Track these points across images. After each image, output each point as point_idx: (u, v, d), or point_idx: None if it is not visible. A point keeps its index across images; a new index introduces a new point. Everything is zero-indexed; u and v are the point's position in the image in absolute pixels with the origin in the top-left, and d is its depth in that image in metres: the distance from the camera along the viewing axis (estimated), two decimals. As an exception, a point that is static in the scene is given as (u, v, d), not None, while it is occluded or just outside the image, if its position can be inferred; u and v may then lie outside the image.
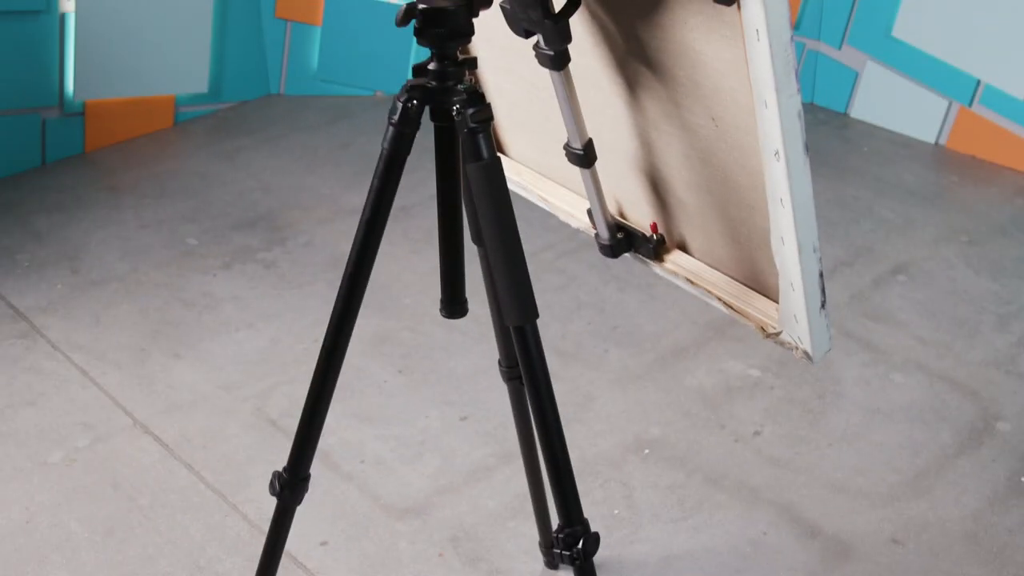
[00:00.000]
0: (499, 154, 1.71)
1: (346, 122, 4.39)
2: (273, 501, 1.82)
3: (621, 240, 1.71)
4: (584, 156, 1.60)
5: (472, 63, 1.54)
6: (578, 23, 1.54)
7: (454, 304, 1.72)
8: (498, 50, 1.78)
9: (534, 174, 1.92)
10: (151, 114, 4.33)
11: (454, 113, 1.47)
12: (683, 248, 1.66)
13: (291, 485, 1.77)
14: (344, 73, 4.61)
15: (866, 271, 3.39)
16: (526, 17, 1.46)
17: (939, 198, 3.85)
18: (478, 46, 1.78)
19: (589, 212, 1.72)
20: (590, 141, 1.60)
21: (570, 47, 1.49)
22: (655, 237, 1.67)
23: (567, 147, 1.61)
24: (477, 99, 1.48)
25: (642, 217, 1.70)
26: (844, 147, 4.20)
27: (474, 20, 1.47)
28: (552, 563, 2.35)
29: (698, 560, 2.40)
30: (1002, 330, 3.13)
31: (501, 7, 1.50)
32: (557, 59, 1.48)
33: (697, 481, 2.63)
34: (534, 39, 1.50)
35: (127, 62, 4.19)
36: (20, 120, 4.00)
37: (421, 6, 1.42)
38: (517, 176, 1.92)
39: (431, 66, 1.49)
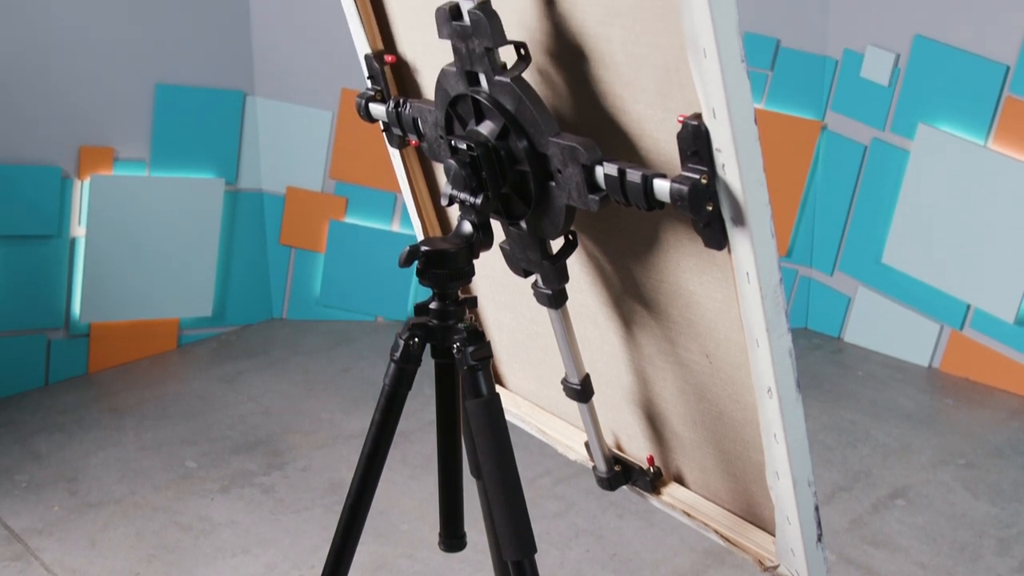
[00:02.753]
0: (498, 386, 1.75)
1: (347, 347, 4.45)
2: None
3: (618, 473, 1.73)
4: (581, 391, 1.63)
5: (472, 302, 1.59)
6: (575, 263, 1.60)
7: (453, 538, 1.73)
8: (498, 287, 1.84)
9: (532, 406, 1.95)
10: (155, 337, 4.39)
11: (454, 351, 1.52)
12: (680, 481, 1.68)
13: None
14: (346, 299, 4.70)
15: (865, 496, 3.38)
16: (525, 257, 1.52)
17: (935, 421, 3.87)
18: (478, 283, 1.84)
19: (587, 445, 1.74)
20: (587, 376, 1.64)
21: (568, 286, 1.55)
22: (652, 470, 1.69)
23: (565, 382, 1.65)
24: (477, 338, 1.52)
25: (639, 450, 1.72)
26: (839, 371, 4.24)
27: (474, 260, 1.53)
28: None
29: None
30: (1004, 554, 3.10)
31: (501, 248, 1.56)
32: (555, 298, 1.54)
33: None
34: (533, 278, 1.55)
35: (133, 286, 4.28)
36: (25, 341, 4.06)
37: (424, 248, 1.48)
38: (516, 408, 1.95)
39: (432, 305, 1.54)
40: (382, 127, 1.79)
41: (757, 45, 4.27)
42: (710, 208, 1.23)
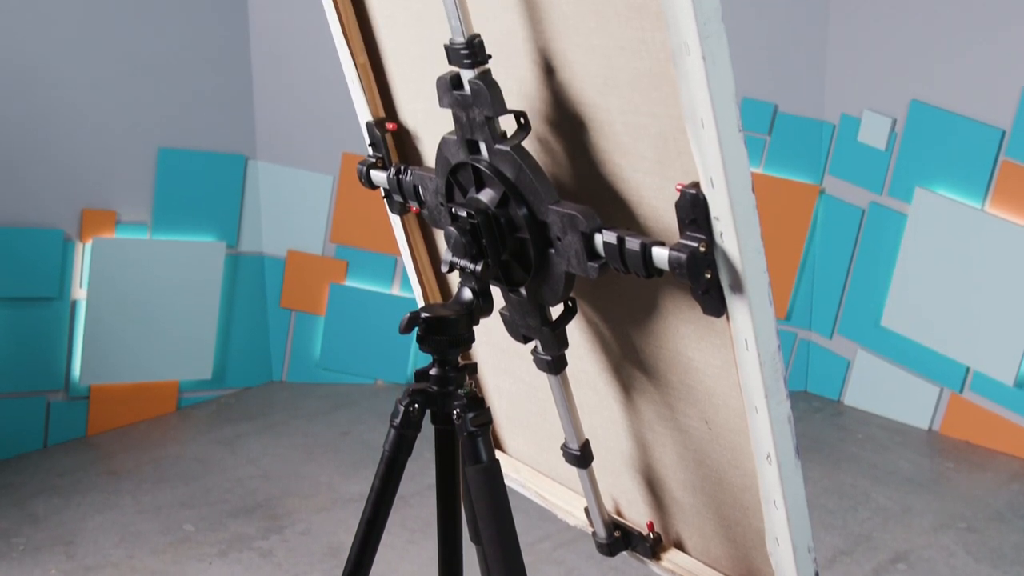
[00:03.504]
0: (497, 451, 1.75)
1: (346, 410, 4.45)
2: None
3: (618, 539, 1.73)
4: (581, 457, 1.63)
5: (472, 368, 1.59)
6: (575, 329, 1.61)
7: (452, 604, 1.72)
8: (498, 352, 1.84)
9: (532, 471, 1.95)
10: (154, 399, 4.39)
11: (454, 417, 1.52)
12: (680, 547, 1.67)
13: None
14: (346, 362, 4.71)
15: (866, 560, 3.36)
16: (525, 324, 1.53)
17: (935, 484, 3.85)
18: (478, 348, 1.84)
19: (586, 510, 1.74)
20: (587, 442, 1.64)
21: (567, 352, 1.55)
22: (652, 536, 1.68)
23: (564, 447, 1.65)
24: (477, 404, 1.53)
25: (639, 515, 1.72)
26: (839, 435, 4.24)
27: (474, 326, 1.54)
28: None
29: None
30: (1007, 622, 3.09)
31: (500, 314, 1.57)
32: (555, 364, 1.54)
33: None
34: (533, 344, 1.56)
35: (134, 348, 4.28)
36: (25, 403, 4.06)
37: (424, 315, 1.48)
38: (515, 473, 1.95)
39: (432, 371, 1.55)
40: (383, 194, 1.81)
41: (755, 110, 4.31)
42: (708, 276, 1.24)
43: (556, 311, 1.51)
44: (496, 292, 1.56)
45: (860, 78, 4.21)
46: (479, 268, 1.44)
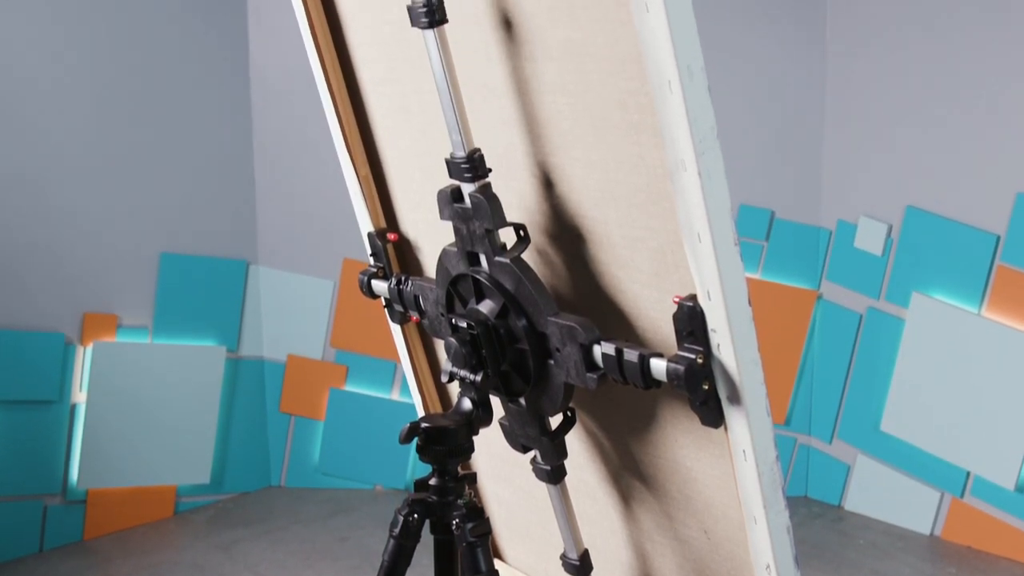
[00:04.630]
0: (497, 560, 1.74)
1: (345, 516, 4.42)
2: None
3: (618, 650, 1.72)
4: (580, 567, 1.63)
5: (472, 478, 1.59)
6: (574, 438, 1.61)
7: None
8: (497, 460, 1.85)
9: (532, 580, 1.94)
10: (152, 504, 4.36)
11: (454, 527, 1.52)
12: (680, 658, 1.66)
13: None
14: (345, 467, 4.69)
15: (870, 670, 3.32)
16: (524, 434, 1.54)
17: (939, 592, 3.82)
18: (477, 456, 1.85)
19: (586, 621, 1.73)
20: (586, 551, 1.64)
21: (566, 461, 1.56)
22: (652, 647, 1.67)
23: (563, 557, 1.64)
24: (476, 514, 1.53)
25: (639, 626, 1.71)
26: (840, 540, 4.20)
27: (474, 436, 1.54)
28: None
29: None
30: None
31: (500, 423, 1.57)
32: (554, 474, 1.55)
33: None
34: (532, 453, 1.57)
35: (132, 452, 4.27)
36: (21, 507, 4.03)
37: (424, 425, 1.49)
38: (515, 582, 1.94)
39: (432, 481, 1.55)
40: (384, 303, 1.83)
41: (753, 217, 4.35)
42: (706, 387, 1.25)
43: (555, 421, 1.52)
44: (496, 402, 1.57)
45: (856, 185, 4.26)
46: (479, 378, 1.46)
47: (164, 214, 4.26)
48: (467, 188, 1.43)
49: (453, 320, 1.50)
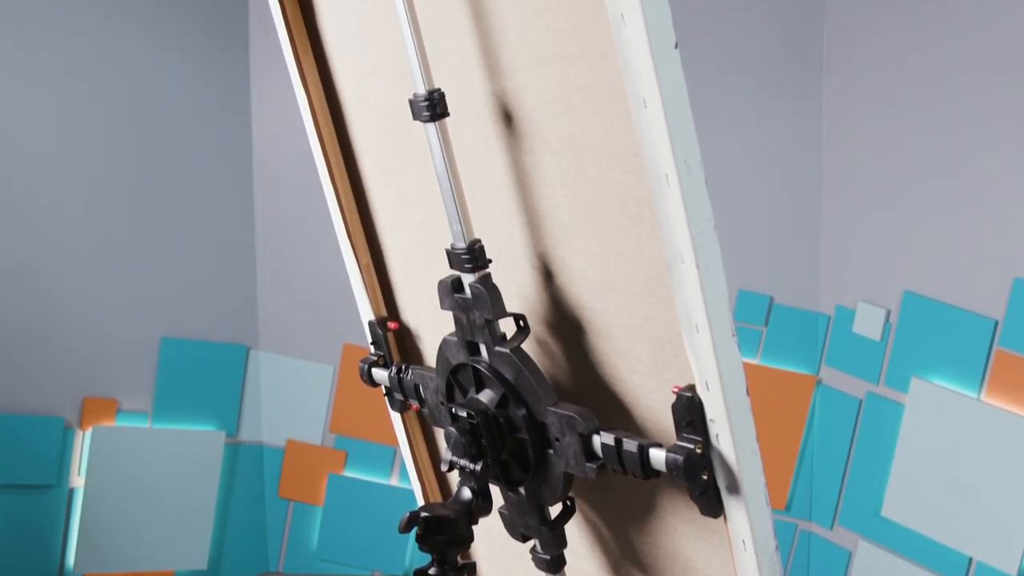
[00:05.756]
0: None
1: (343, 602, 4.39)
2: None
3: None
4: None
5: (471, 567, 1.59)
6: (574, 528, 1.61)
7: None
8: (496, 549, 1.84)
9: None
10: (148, 590, 4.33)
11: (454, 621, 1.51)
12: None
13: None
14: (344, 553, 4.65)
15: None
16: (524, 523, 1.54)
17: None
18: (477, 544, 1.84)
19: None
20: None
21: (566, 550, 1.56)
22: None
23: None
24: (476, 608, 1.52)
25: None
26: (843, 628, 4.17)
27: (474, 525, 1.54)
28: None
29: None
30: None
31: (500, 512, 1.57)
32: (554, 563, 1.54)
33: None
34: (532, 542, 1.56)
35: (129, 537, 4.24)
36: (16, 594, 4.01)
37: (424, 514, 1.49)
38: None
39: (431, 571, 1.54)
40: (384, 391, 1.83)
41: (751, 302, 4.37)
42: (705, 477, 1.26)
43: (555, 510, 1.52)
44: (495, 490, 1.57)
45: (854, 270, 4.28)
46: (479, 468, 1.46)
47: (165, 298, 4.28)
48: (467, 278, 1.45)
49: (453, 409, 1.51)
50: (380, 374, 1.80)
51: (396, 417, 1.91)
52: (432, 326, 1.74)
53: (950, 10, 3.82)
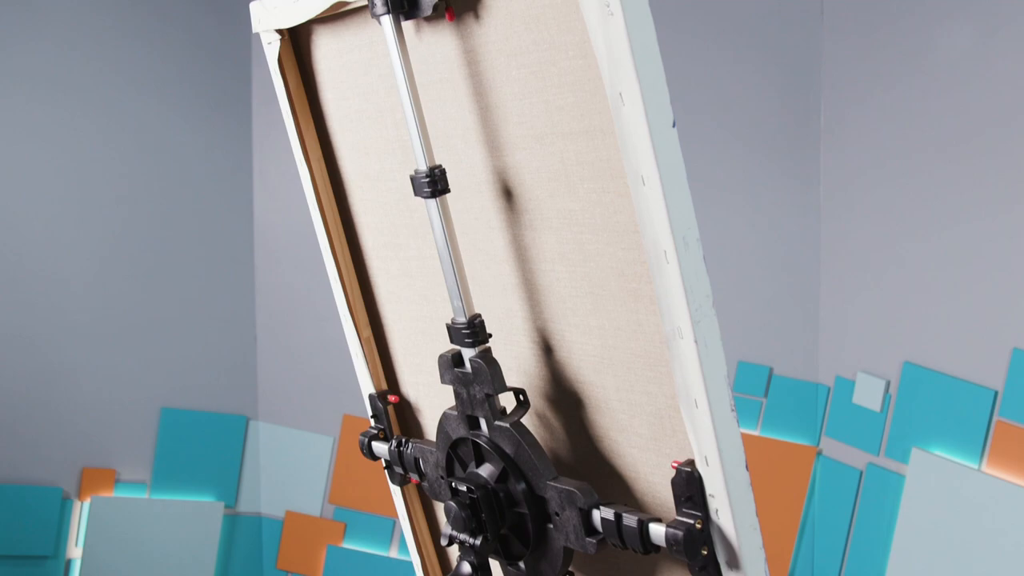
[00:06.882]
0: None
1: (341, 675, 4.34)
2: None
3: None
4: None
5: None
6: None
7: None
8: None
9: None
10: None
11: None
12: None
13: None
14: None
15: None
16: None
17: None
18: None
19: None
20: None
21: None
22: None
23: None
24: None
25: None
26: None
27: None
28: None
29: None
30: None
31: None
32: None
33: None
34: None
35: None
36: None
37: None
38: None
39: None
40: (384, 464, 1.83)
41: (750, 374, 4.37)
42: (705, 552, 1.26)
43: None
44: (495, 565, 1.56)
45: (853, 341, 4.29)
46: (478, 543, 1.46)
47: (165, 369, 4.28)
48: (467, 353, 1.45)
49: (453, 483, 1.51)
50: (380, 447, 1.80)
51: (396, 491, 1.91)
52: (432, 400, 1.74)
53: (945, 78, 3.86)
